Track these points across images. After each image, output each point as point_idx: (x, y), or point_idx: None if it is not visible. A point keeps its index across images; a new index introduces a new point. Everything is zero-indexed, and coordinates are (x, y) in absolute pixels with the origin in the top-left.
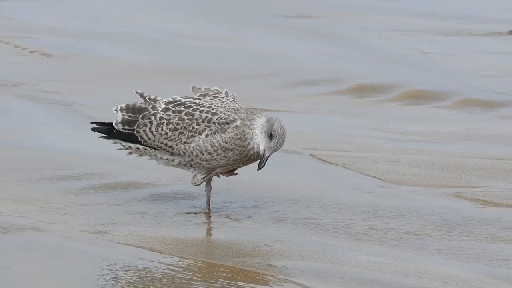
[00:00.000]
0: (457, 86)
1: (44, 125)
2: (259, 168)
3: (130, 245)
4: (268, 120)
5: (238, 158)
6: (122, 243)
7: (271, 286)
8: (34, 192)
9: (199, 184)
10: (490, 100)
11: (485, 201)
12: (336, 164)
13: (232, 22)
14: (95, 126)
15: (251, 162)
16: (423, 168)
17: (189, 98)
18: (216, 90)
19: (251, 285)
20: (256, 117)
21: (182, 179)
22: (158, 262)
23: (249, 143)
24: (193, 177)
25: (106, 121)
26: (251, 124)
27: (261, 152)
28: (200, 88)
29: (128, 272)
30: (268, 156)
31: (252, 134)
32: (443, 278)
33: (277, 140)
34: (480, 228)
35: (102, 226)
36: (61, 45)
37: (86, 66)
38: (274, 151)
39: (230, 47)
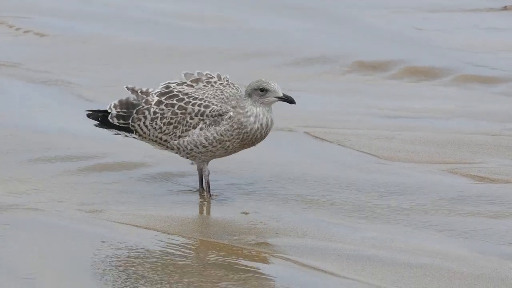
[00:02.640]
0: (452, 63)
1: (38, 105)
2: (293, 101)
3: (126, 224)
4: (246, 97)
5: (240, 144)
6: (118, 222)
7: (267, 264)
8: (29, 172)
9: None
10: (485, 76)
11: (480, 177)
12: (331, 142)
13: (223, 2)
14: (90, 113)
15: (256, 143)
16: (418, 144)
17: (182, 84)
18: (209, 74)
19: (247, 262)
20: (246, 105)
21: (176, 159)
22: (154, 240)
23: (250, 128)
24: (202, 169)
25: (101, 108)
26: (246, 112)
27: (280, 97)
28: (192, 74)
29: (124, 250)
30: (285, 94)
31: (247, 120)
32: (439, 254)
33: (268, 84)
34: (475, 204)
35: (98, 205)
36: (55, 25)
37: (80, 46)
38: (279, 89)
39: (225, 26)
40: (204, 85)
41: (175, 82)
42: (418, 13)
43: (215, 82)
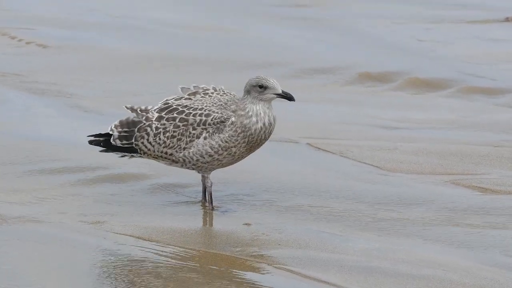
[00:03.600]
0: (454, 74)
1: (39, 116)
2: (292, 98)
3: (128, 235)
4: (245, 96)
5: (246, 148)
6: (120, 233)
7: (269, 275)
8: (31, 183)
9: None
10: (487, 87)
11: (482, 188)
12: (333, 153)
13: (225, 12)
14: (92, 139)
15: (262, 144)
16: (421, 155)
17: (180, 98)
18: (205, 86)
19: (249, 274)
20: (246, 104)
21: (178, 170)
22: (156, 252)
23: (254, 129)
24: (207, 179)
25: (102, 131)
26: (247, 113)
27: (279, 94)
28: (189, 88)
29: (126, 261)
30: (284, 91)
31: (250, 121)
32: (441, 265)
33: (267, 81)
34: (477, 215)
35: (100, 217)
36: (57, 36)
37: (82, 57)
38: (277, 86)
39: (227, 37)
40: (202, 96)
41: (173, 98)
42: (420, 24)
43: (212, 93)
